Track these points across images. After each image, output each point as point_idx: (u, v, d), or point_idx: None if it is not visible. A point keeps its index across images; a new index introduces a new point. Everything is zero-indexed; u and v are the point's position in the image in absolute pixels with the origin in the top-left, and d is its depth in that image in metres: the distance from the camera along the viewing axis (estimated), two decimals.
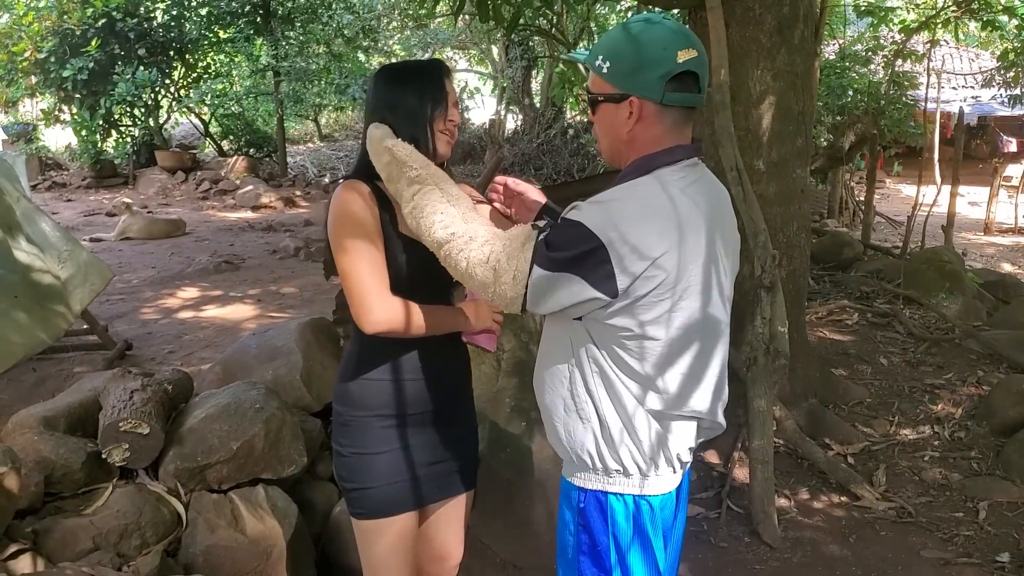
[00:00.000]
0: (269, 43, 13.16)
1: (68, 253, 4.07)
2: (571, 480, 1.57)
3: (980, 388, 4.21)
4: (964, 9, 7.21)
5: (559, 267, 1.38)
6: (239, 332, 5.22)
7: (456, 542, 2.00)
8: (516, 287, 1.42)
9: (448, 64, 1.90)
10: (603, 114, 1.51)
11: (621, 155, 1.53)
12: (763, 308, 3.23)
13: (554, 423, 1.57)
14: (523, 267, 1.41)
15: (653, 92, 1.43)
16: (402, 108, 1.75)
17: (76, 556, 2.30)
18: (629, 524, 1.52)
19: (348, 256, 1.67)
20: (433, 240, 1.51)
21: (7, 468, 2.23)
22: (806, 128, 3.77)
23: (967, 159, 11.25)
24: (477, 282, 1.46)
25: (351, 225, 1.69)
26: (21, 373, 4.27)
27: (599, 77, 1.48)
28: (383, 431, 1.82)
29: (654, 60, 1.41)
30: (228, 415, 2.68)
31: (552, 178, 12.93)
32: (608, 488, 1.52)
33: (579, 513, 1.55)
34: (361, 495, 1.83)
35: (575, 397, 1.52)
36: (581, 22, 10.18)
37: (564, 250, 1.38)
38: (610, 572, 1.53)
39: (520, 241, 1.43)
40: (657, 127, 1.47)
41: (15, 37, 12.37)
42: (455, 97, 1.83)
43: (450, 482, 1.93)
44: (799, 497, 3.34)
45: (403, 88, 1.77)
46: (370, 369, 1.81)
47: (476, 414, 2.04)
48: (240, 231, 10.15)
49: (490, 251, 1.44)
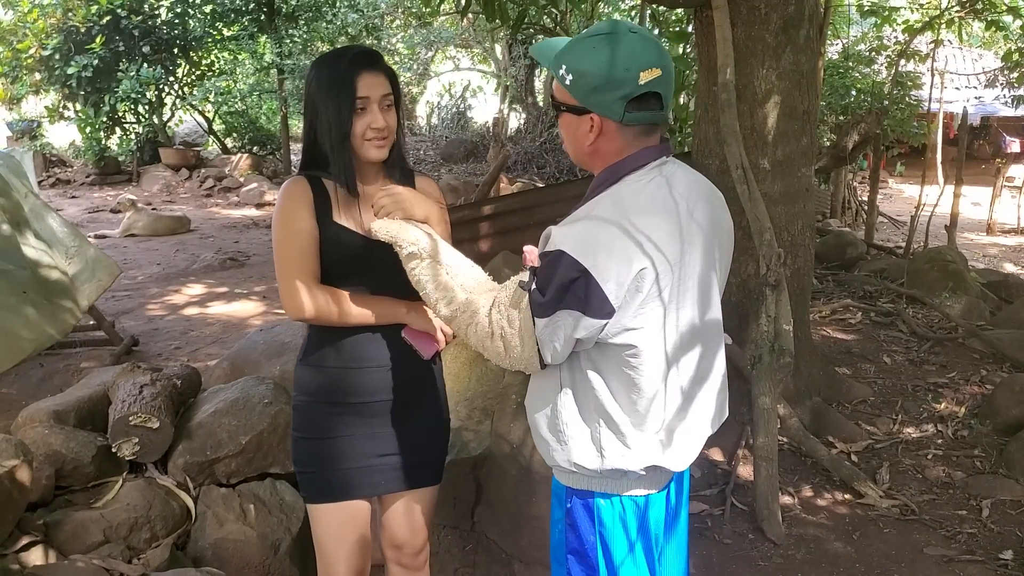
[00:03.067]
0: (273, 41, 13.17)
1: (76, 249, 4.09)
2: (560, 480, 1.58)
3: (983, 387, 4.22)
4: (968, 9, 7.21)
5: (554, 307, 1.37)
6: (245, 328, 5.24)
7: (414, 533, 1.99)
8: (526, 349, 1.42)
9: (375, 53, 1.78)
10: (566, 122, 1.50)
11: (584, 161, 1.54)
12: (768, 306, 3.24)
13: (539, 426, 1.55)
14: (526, 326, 1.40)
15: (613, 113, 1.40)
16: (321, 115, 1.74)
17: (86, 548, 2.33)
18: (616, 524, 1.52)
19: (278, 249, 1.77)
20: (441, 317, 1.55)
21: (19, 461, 2.26)
22: (811, 127, 3.78)
23: (970, 159, 11.25)
24: (492, 354, 1.47)
25: (282, 220, 1.77)
26: (29, 368, 4.29)
27: (562, 87, 1.45)
28: (330, 417, 1.86)
29: (615, 81, 1.38)
30: (237, 410, 2.70)
31: (555, 177, 12.94)
32: (595, 488, 1.52)
33: (567, 513, 1.56)
34: (306, 478, 1.90)
35: (560, 403, 1.50)
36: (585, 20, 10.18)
37: (552, 287, 1.36)
38: (596, 571, 1.53)
39: (513, 302, 1.42)
40: (619, 140, 1.45)
41: (20, 34, 12.40)
42: (381, 93, 1.74)
43: (408, 475, 1.92)
44: (803, 494, 3.36)
45: (319, 88, 1.74)
46: (316, 356, 1.86)
47: (446, 410, 2.03)
48: (244, 228, 10.18)
49: (491, 321, 1.45)
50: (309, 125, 1.80)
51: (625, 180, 1.45)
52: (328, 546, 1.89)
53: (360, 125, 1.73)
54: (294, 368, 1.92)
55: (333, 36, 13.75)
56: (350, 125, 1.72)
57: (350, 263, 1.80)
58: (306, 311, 1.75)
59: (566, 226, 1.41)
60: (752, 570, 2.88)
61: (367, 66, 1.73)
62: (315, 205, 1.78)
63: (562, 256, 1.35)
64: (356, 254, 1.80)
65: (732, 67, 3.28)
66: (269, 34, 13.32)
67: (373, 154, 1.77)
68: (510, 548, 2.81)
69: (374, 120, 1.73)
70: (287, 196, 1.78)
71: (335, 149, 1.74)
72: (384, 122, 1.75)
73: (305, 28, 13.59)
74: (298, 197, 1.78)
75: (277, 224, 1.78)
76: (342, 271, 1.80)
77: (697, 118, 3.95)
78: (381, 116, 1.74)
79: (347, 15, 13.54)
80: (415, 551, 2.01)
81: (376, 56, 1.77)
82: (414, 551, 2.01)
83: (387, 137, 1.77)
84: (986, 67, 14.43)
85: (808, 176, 3.84)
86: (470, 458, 2.85)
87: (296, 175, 1.83)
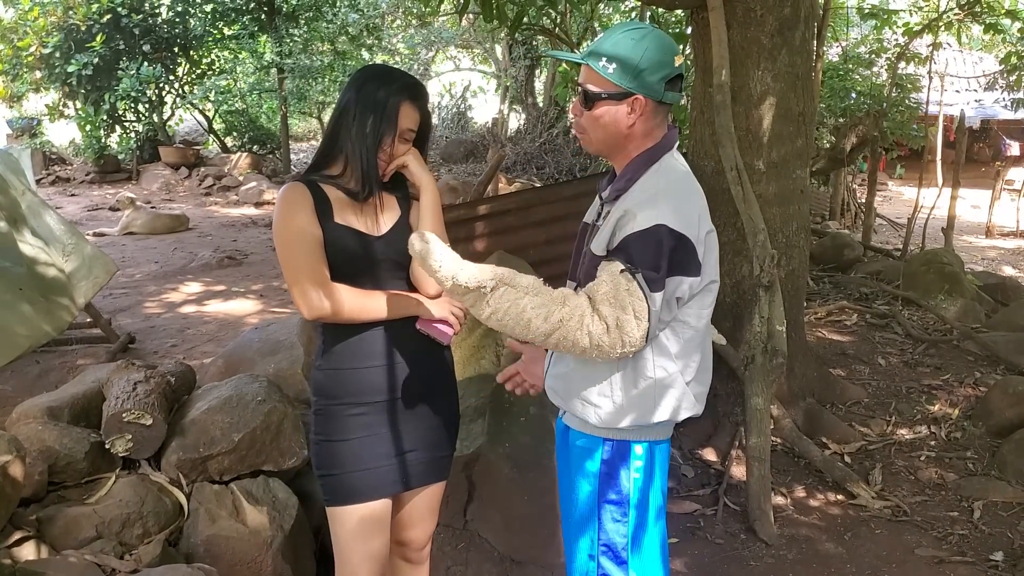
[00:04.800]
0: (273, 40, 13.18)
1: (73, 246, 4.10)
2: (594, 434, 1.72)
3: (977, 389, 4.23)
4: (967, 12, 7.22)
5: (666, 277, 1.54)
6: (241, 327, 5.25)
7: (422, 528, 2.03)
8: (641, 329, 1.53)
9: (423, 90, 1.91)
10: (602, 110, 1.66)
11: (615, 147, 1.70)
12: (761, 307, 3.25)
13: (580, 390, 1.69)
14: (639, 305, 1.52)
15: (655, 92, 1.63)
16: (356, 124, 1.81)
17: (79, 544, 2.33)
18: (649, 469, 1.72)
19: (284, 252, 1.80)
20: (540, 333, 1.54)
21: (12, 457, 2.26)
22: (806, 129, 3.78)
23: (969, 162, 11.27)
24: (606, 349, 1.53)
25: (285, 224, 1.80)
26: (24, 365, 4.30)
27: (601, 76, 1.63)
28: (349, 419, 1.87)
29: (658, 63, 1.61)
30: (230, 407, 2.71)
31: (554, 177, 12.94)
32: (631, 438, 1.70)
33: (603, 463, 1.71)
34: (328, 482, 1.89)
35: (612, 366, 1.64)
36: (585, 22, 10.20)
37: (664, 260, 1.53)
38: (628, 516, 1.71)
39: (621, 289, 1.52)
40: (650, 121, 1.67)
41: (20, 32, 12.41)
42: (407, 125, 1.85)
43: (420, 472, 1.95)
44: (795, 495, 3.37)
45: (362, 101, 1.81)
46: (333, 358, 1.88)
47: (457, 405, 2.06)
48: (243, 227, 10.19)
49: (603, 316, 1.53)
50: (338, 125, 1.84)
51: (664, 159, 1.67)
52: (351, 548, 1.88)
53: (385, 147, 1.83)
54: (311, 375, 1.95)
55: (333, 36, 13.77)
56: (382, 139, 1.81)
57: (355, 261, 1.84)
58: (323, 309, 1.78)
59: (648, 205, 1.57)
60: (744, 570, 2.89)
61: (412, 99, 1.85)
62: (316, 209, 1.81)
63: (661, 228, 1.53)
64: (360, 252, 1.84)
65: (728, 68, 3.29)
66: (269, 33, 13.34)
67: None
68: (503, 546, 2.82)
69: (396, 148, 1.85)
70: (287, 202, 1.81)
71: (360, 155, 1.81)
72: (401, 151, 1.87)
73: (305, 27, 13.60)
74: (298, 201, 1.81)
75: (280, 229, 1.80)
76: (349, 269, 1.83)
77: (693, 119, 3.96)
78: (401, 146, 1.86)
79: (348, 15, 13.56)
80: (421, 545, 2.05)
81: (423, 93, 1.89)
82: (420, 545, 2.04)
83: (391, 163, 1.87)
84: (985, 70, 14.42)
85: (803, 178, 3.85)
86: (463, 456, 2.86)
87: (292, 182, 1.86)
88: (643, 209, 1.56)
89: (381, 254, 1.86)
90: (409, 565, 2.07)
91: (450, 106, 18.66)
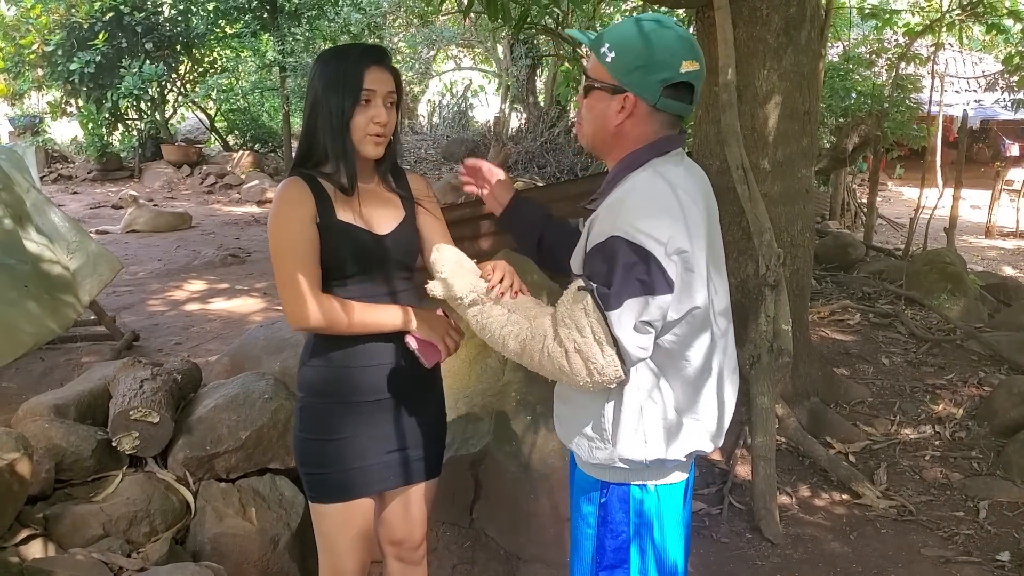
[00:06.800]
0: (276, 39, 13.17)
1: (77, 244, 4.09)
2: (593, 475, 1.58)
3: (981, 389, 4.23)
4: (968, 13, 7.21)
5: (622, 296, 1.34)
6: (246, 325, 5.25)
7: (413, 528, 2.00)
8: (605, 354, 1.37)
9: (384, 50, 1.77)
10: (595, 100, 1.52)
11: (604, 144, 1.54)
12: (767, 306, 3.25)
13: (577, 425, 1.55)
14: (598, 328, 1.36)
15: (649, 94, 1.45)
16: (322, 107, 1.72)
17: (86, 542, 2.33)
18: (652, 513, 1.55)
19: (277, 258, 1.73)
20: (512, 353, 1.48)
21: (19, 454, 2.27)
22: (811, 128, 3.78)
23: (969, 163, 11.25)
24: (576, 375, 1.40)
25: (280, 227, 1.73)
26: (29, 362, 4.30)
27: (600, 64, 1.48)
28: (337, 417, 1.84)
29: (658, 63, 1.43)
30: (237, 405, 2.71)
31: (555, 176, 12.93)
32: (632, 480, 1.54)
33: (600, 507, 1.56)
34: (314, 479, 1.87)
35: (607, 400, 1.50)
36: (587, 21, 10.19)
37: (616, 275, 1.35)
38: (628, 560, 1.55)
39: (575, 308, 1.38)
40: (644, 126, 1.49)
41: (23, 30, 12.42)
42: (386, 90, 1.73)
43: (409, 470, 1.93)
44: (800, 494, 3.37)
45: (324, 82, 1.72)
46: (322, 356, 1.84)
47: (444, 403, 2.04)
48: (246, 225, 10.19)
49: (561, 340, 1.39)
50: (309, 117, 1.76)
51: (649, 165, 1.48)
52: (335, 545, 1.88)
53: (363, 118, 1.72)
54: (298, 369, 1.91)
55: (335, 34, 13.74)
56: (351, 115, 1.71)
57: (359, 258, 1.79)
58: (310, 321, 1.72)
59: (610, 214, 1.41)
60: (749, 569, 2.89)
61: (375, 61, 1.73)
62: (316, 205, 1.75)
63: (616, 241, 1.36)
64: (364, 249, 1.78)
65: (733, 67, 3.29)
66: (272, 32, 13.32)
67: (370, 151, 1.77)
68: (508, 545, 2.82)
69: (377, 114, 1.73)
70: (284, 201, 1.74)
71: (334, 140, 1.72)
72: (387, 117, 1.75)
73: (308, 26, 13.59)
74: (296, 201, 1.74)
75: (275, 231, 1.74)
76: (353, 267, 1.78)
77: (698, 118, 3.95)
78: (384, 111, 1.74)
79: (350, 14, 13.54)
80: (414, 545, 2.02)
81: (385, 53, 1.78)
82: (413, 545, 2.02)
83: (385, 136, 1.77)
84: (986, 70, 14.43)
85: (808, 177, 3.85)
86: (469, 455, 2.86)
87: (291, 176, 1.78)
88: (602, 219, 1.41)
89: (385, 251, 1.80)
90: (406, 566, 2.04)
91: (451, 105, 18.64)
